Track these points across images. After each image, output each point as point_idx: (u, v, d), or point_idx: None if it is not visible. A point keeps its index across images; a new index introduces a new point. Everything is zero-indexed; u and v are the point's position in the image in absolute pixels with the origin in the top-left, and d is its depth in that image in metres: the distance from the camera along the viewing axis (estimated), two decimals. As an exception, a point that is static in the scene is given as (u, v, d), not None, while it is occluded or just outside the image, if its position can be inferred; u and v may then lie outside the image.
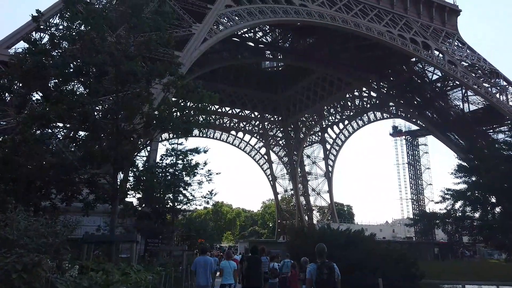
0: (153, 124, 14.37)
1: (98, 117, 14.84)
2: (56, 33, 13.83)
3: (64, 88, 13.38)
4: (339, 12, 45.68)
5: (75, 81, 13.94)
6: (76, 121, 13.16)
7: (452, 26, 56.97)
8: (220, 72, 68.90)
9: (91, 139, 14.14)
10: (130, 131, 14.89)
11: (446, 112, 56.54)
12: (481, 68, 52.36)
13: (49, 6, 25.49)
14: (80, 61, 13.10)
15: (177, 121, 13.88)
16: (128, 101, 14.52)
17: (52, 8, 25.59)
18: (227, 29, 36.12)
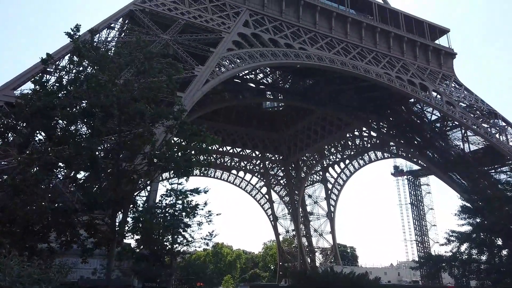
0: (155, 165, 14.38)
1: (100, 156, 14.88)
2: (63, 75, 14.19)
3: (68, 128, 13.53)
4: (338, 55, 47.04)
5: (80, 122, 14.11)
6: (78, 162, 13.17)
7: (448, 68, 58.42)
8: (222, 111, 69.91)
9: (92, 179, 14.10)
10: (131, 171, 14.86)
11: (446, 152, 56.61)
12: (479, 109, 53.07)
13: (57, 49, 26.34)
14: (86, 103, 13.34)
15: (179, 162, 13.89)
16: (131, 141, 14.63)
17: (61, 51, 26.44)
18: (229, 71, 37.02)
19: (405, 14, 57.05)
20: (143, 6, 36.57)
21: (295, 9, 48.97)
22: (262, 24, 44.73)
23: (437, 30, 59.42)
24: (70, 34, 14.08)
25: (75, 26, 14.06)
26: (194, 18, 38.88)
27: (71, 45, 24.51)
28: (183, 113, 16.87)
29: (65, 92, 13.80)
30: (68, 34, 14.08)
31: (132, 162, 15.30)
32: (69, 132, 13.27)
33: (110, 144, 16.42)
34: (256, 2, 46.56)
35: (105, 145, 16.20)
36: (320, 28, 49.71)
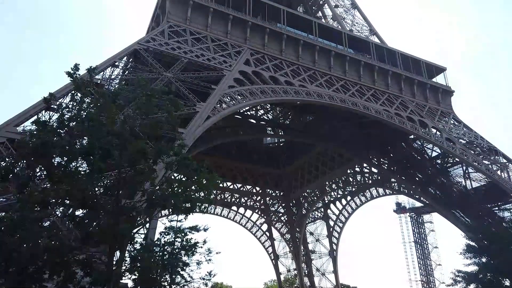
0: (154, 202, 14.21)
1: (99, 193, 14.73)
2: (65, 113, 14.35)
3: (68, 166, 13.50)
4: (337, 93, 47.82)
5: (80, 159, 14.10)
6: (76, 201, 13.02)
7: (447, 105, 59.18)
8: (223, 147, 70.06)
9: (90, 217, 13.89)
10: (130, 208, 14.66)
11: (449, 189, 56.16)
12: (479, 146, 53.20)
13: (61, 86, 26.81)
14: (86, 142, 13.40)
15: (179, 200, 13.74)
16: (131, 178, 14.53)
17: (64, 89, 26.91)
18: (230, 107, 37.44)
19: (402, 53, 58.57)
20: (147, 46, 37.64)
21: (295, 49, 50.37)
22: (262, 62, 45.84)
23: (434, 68, 60.77)
24: (70, 73, 14.38)
25: (74, 65, 14.39)
26: (197, 57, 39.88)
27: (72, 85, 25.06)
28: (184, 149, 16.88)
29: (65, 129, 13.89)
30: (68, 74, 14.38)
31: (132, 199, 15.12)
32: (68, 170, 13.22)
33: (109, 181, 16.30)
34: (257, 42, 47.99)
35: (105, 182, 16.07)
36: (319, 66, 50.90)
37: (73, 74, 14.41)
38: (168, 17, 43.15)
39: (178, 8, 44.12)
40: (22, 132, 23.01)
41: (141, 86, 14.93)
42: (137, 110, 15.30)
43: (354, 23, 64.82)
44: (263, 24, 48.52)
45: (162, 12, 45.50)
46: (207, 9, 45.23)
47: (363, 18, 65.57)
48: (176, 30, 42.52)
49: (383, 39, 61.73)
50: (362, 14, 66.02)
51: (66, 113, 14.62)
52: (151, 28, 49.73)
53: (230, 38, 46.05)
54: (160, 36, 40.34)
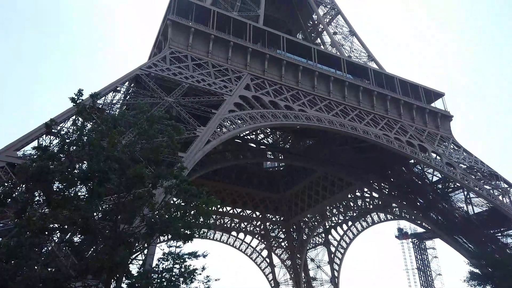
0: (153, 228, 14.03)
1: (98, 218, 14.57)
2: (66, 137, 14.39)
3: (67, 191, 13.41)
4: (336, 117, 48.13)
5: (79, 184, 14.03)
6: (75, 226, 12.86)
7: (446, 130, 59.40)
8: (222, 171, 69.99)
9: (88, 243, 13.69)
10: (128, 234, 14.45)
11: (450, 214, 55.61)
12: (480, 170, 53.04)
13: (62, 111, 27.01)
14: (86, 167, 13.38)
15: (178, 226, 13.57)
16: (129, 203, 14.40)
17: (65, 114, 27.11)
18: (230, 131, 37.57)
19: (400, 79, 59.29)
20: (149, 71, 38.18)
21: (294, 74, 51.08)
22: (262, 87, 46.37)
23: (432, 93, 61.35)
24: (73, 99, 14.54)
25: (78, 91, 14.58)
26: (198, 82, 40.38)
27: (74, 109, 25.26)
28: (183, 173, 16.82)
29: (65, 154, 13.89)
30: (72, 99, 14.53)
31: (130, 225, 14.93)
32: (68, 195, 13.14)
33: (108, 206, 16.16)
34: (257, 68, 48.71)
35: (103, 207, 15.94)
36: (318, 91, 51.47)
37: (77, 99, 14.56)
38: (170, 44, 43.98)
39: (180, 35, 45.05)
40: (22, 156, 23.01)
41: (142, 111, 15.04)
42: (137, 135, 15.34)
43: (353, 50, 66.01)
44: (263, 50, 49.40)
45: (164, 38, 46.42)
46: (209, 36, 46.16)
47: (361, 44, 66.80)
48: (178, 56, 43.25)
49: (381, 65, 62.67)
50: (360, 41, 67.30)
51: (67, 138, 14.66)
52: (153, 54, 50.64)
53: (231, 64, 46.78)
54: (161, 62, 40.98)
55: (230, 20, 49.36)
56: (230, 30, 48.70)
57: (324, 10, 73.57)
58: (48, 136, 23.74)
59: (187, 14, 46.77)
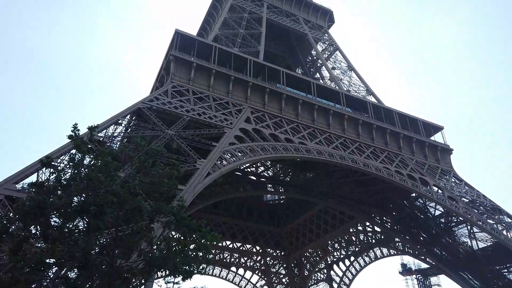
0: (151, 263, 13.69)
1: (94, 252, 14.26)
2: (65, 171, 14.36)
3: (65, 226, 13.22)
4: (336, 150, 48.25)
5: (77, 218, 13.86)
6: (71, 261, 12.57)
7: (446, 163, 59.30)
8: (222, 204, 69.34)
9: (84, 278, 13.31)
10: (125, 270, 14.09)
11: (455, 249, 54.47)
12: (482, 204, 52.48)
13: (62, 145, 27.13)
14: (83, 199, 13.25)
15: (177, 262, 13.25)
16: (127, 237, 14.14)
17: (65, 147, 27.23)
18: (230, 164, 37.57)
19: (399, 113, 59.88)
20: (151, 104, 38.72)
21: (294, 107, 51.72)
22: (263, 120, 46.83)
23: (431, 127, 61.78)
24: (71, 136, 14.58)
25: (73, 126, 14.60)
26: (199, 115, 40.84)
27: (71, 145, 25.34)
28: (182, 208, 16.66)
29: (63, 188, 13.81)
30: (70, 136, 14.59)
31: (128, 260, 14.60)
32: (64, 230, 12.94)
33: (106, 240, 15.87)
34: (257, 101, 49.41)
35: (101, 241, 15.65)
36: (318, 124, 51.91)
37: (74, 134, 14.60)
38: (172, 78, 44.87)
39: (182, 70, 46.05)
40: (21, 189, 22.88)
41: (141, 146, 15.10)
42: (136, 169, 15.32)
43: (351, 84, 67.22)
44: (263, 84, 50.30)
45: (166, 73, 47.42)
46: (210, 70, 47.18)
47: (360, 79, 68.11)
48: (179, 89, 43.99)
49: (380, 99, 63.57)
50: (358, 76, 68.68)
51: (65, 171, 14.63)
52: (155, 88, 51.53)
53: (232, 97, 47.50)
54: (163, 96, 41.64)
55: (231, 55, 50.64)
56: (231, 65, 49.84)
57: (322, 46, 75.65)
58: (48, 169, 23.74)
59: (189, 50, 48.05)
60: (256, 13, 67.91)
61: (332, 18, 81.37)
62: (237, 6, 67.03)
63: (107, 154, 14.47)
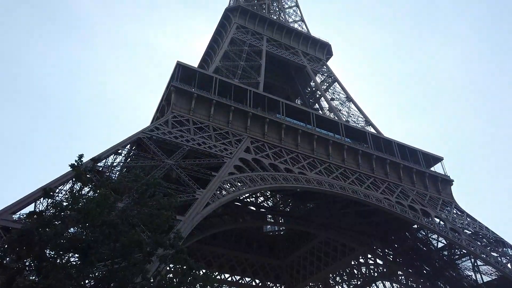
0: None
1: (90, 286, 13.87)
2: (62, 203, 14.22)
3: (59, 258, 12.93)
4: (337, 180, 48.02)
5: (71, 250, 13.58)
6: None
7: (447, 194, 58.83)
8: (221, 235, 68.15)
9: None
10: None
11: (459, 283, 53.05)
12: (485, 237, 51.61)
13: (61, 174, 27.05)
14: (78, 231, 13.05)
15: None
16: (123, 270, 13.79)
17: (64, 177, 27.12)
18: (230, 194, 37.26)
19: (398, 143, 60.08)
20: (151, 134, 38.92)
21: (294, 137, 51.96)
22: (262, 150, 46.92)
23: (431, 158, 61.76)
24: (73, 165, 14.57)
25: (79, 156, 14.65)
26: (198, 145, 40.95)
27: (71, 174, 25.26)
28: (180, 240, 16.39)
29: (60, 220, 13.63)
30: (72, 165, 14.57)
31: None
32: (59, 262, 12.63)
33: (101, 273, 15.47)
34: (257, 131, 49.71)
35: (96, 274, 15.25)
36: (318, 154, 51.96)
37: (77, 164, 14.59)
38: (173, 108, 45.36)
39: (183, 100, 46.65)
40: (17, 220, 22.57)
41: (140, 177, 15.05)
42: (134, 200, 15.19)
43: (350, 115, 67.88)
44: (263, 114, 50.79)
45: (167, 103, 47.99)
46: (210, 101, 47.78)
47: (358, 110, 68.82)
48: (180, 120, 44.36)
49: (379, 129, 63.95)
50: (357, 106, 69.44)
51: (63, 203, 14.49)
52: (155, 118, 51.99)
53: (231, 127, 47.81)
54: (164, 125, 41.93)
55: (231, 86, 51.46)
56: (231, 95, 50.54)
57: (321, 77, 77.01)
58: (46, 199, 23.52)
59: (190, 81, 48.89)
60: (256, 46, 69.59)
61: (330, 51, 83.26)
62: (237, 39, 68.79)
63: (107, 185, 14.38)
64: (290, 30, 79.91)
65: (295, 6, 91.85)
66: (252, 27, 74.48)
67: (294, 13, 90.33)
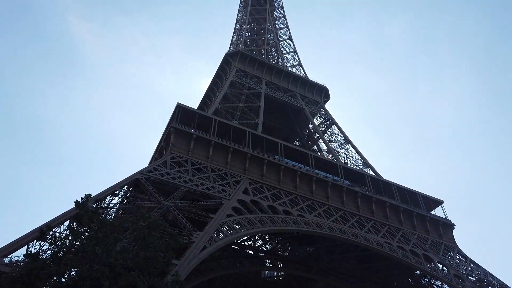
0: None
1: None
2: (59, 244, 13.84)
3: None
4: (336, 223, 47.20)
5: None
6: None
7: (449, 239, 57.66)
8: (218, 281, 65.64)
9: None
10: None
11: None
12: (490, 284, 49.93)
13: (57, 216, 26.48)
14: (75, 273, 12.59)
15: None
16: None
17: (59, 218, 26.56)
18: (227, 237, 36.45)
19: (398, 186, 59.73)
20: (149, 175, 38.70)
21: (293, 179, 51.71)
22: (261, 191, 46.50)
23: (431, 201, 61.16)
24: (79, 202, 14.43)
25: (86, 196, 14.57)
26: (196, 186, 40.61)
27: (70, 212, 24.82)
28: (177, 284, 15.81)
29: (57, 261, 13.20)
30: (77, 203, 14.42)
31: None
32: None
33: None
34: (255, 172, 49.54)
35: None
36: (317, 196, 51.46)
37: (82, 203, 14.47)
38: (172, 149, 45.48)
39: (182, 141, 46.90)
40: (9, 263, 21.81)
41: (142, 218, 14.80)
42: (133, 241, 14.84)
43: (349, 157, 68.06)
44: (261, 156, 50.87)
45: (166, 144, 48.18)
46: (209, 142, 48.02)
47: (357, 152, 69.11)
48: (178, 160, 44.32)
49: (378, 172, 63.84)
50: (355, 149, 69.79)
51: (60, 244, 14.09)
52: (154, 159, 51.97)
53: (230, 169, 47.68)
54: (162, 166, 41.80)
55: (230, 127, 51.96)
56: (230, 136, 50.88)
57: (319, 120, 78.05)
58: (39, 241, 22.81)
59: (189, 122, 49.42)
60: (255, 89, 71.14)
61: (328, 94, 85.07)
62: (237, 82, 70.46)
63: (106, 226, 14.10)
64: (288, 74, 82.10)
65: (293, 52, 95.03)
66: (251, 71, 76.56)
67: (292, 58, 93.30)
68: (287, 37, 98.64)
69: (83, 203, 14.49)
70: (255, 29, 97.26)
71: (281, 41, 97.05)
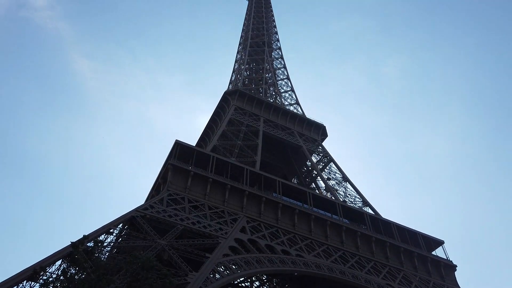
0: None
1: None
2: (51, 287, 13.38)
3: None
4: (336, 264, 46.01)
5: None
6: None
7: (452, 281, 55.93)
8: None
9: None
10: None
11: None
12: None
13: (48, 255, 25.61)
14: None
15: None
16: None
17: (51, 258, 25.71)
18: (224, 278, 35.37)
19: (398, 226, 58.70)
20: (145, 213, 38.09)
21: (291, 217, 50.95)
22: (258, 230, 45.66)
23: (431, 241, 59.89)
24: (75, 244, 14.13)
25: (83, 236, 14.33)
26: (193, 224, 39.90)
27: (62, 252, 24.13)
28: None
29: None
30: (73, 245, 14.12)
31: None
32: None
33: None
34: (253, 210, 48.88)
35: None
36: (315, 235, 50.49)
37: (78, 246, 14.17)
38: (169, 186, 45.09)
39: (179, 178, 46.60)
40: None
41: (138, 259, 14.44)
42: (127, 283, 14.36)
43: (347, 195, 67.51)
44: (259, 193, 50.39)
45: (163, 181, 47.82)
46: (207, 179, 47.73)
47: (355, 190, 68.63)
48: (175, 198, 43.83)
49: (377, 210, 63.08)
50: (353, 187, 69.36)
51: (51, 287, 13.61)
52: (150, 196, 51.36)
53: (227, 206, 47.09)
54: (158, 204, 41.25)
55: (228, 165, 51.85)
56: (228, 174, 50.65)
57: (317, 157, 78.20)
58: (29, 282, 21.95)
59: (187, 159, 49.34)
60: (253, 127, 71.79)
61: (325, 132, 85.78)
62: (235, 120, 71.20)
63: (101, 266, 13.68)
64: (286, 112, 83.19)
65: (291, 91, 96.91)
66: (249, 109, 77.61)
67: (290, 96, 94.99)
68: (285, 77, 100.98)
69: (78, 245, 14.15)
70: (253, 69, 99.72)
71: (279, 80, 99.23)
